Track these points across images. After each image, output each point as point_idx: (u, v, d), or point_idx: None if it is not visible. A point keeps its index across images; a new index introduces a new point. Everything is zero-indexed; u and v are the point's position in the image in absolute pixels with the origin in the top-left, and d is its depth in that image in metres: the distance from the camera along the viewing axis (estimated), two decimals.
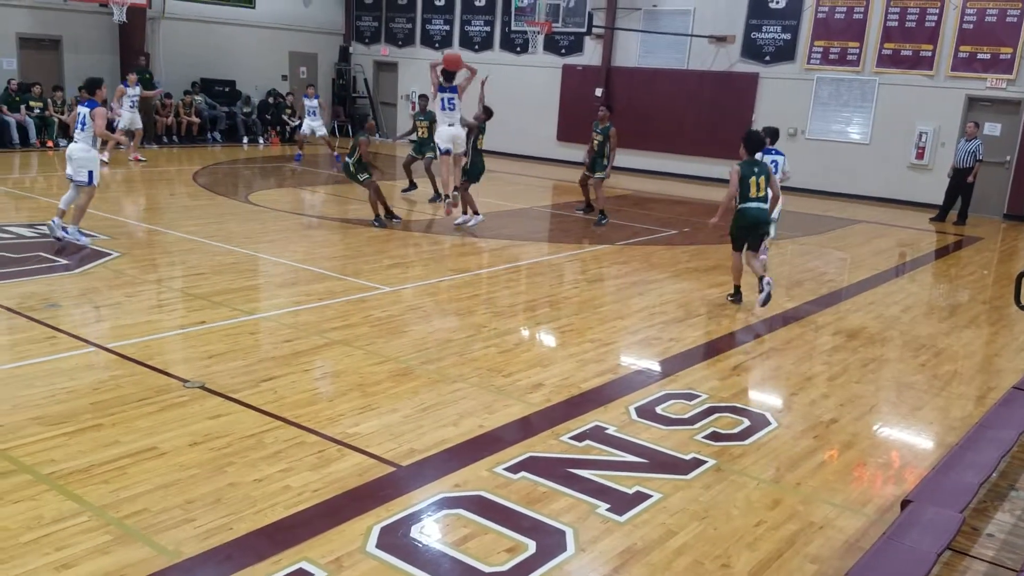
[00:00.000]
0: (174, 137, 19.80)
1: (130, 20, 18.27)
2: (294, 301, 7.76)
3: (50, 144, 17.54)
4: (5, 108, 17.24)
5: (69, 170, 9.46)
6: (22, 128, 17.31)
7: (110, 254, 8.94)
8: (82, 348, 6.14)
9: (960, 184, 14.94)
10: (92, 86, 9.68)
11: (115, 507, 4.00)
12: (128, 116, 16.45)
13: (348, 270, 9.02)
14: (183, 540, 3.77)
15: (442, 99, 11.85)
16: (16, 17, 18.15)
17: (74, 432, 4.75)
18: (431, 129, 13.38)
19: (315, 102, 17.90)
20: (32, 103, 17.64)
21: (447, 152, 11.85)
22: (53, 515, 3.90)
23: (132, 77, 16.74)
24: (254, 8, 22.23)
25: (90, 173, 9.40)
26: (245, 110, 21.34)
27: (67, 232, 9.27)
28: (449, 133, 11.78)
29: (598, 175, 12.67)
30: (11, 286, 7.69)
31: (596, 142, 12.70)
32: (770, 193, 8.42)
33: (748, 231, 8.28)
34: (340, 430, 5.00)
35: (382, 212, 11.61)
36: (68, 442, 4.63)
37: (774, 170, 9.10)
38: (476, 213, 11.71)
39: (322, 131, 18.20)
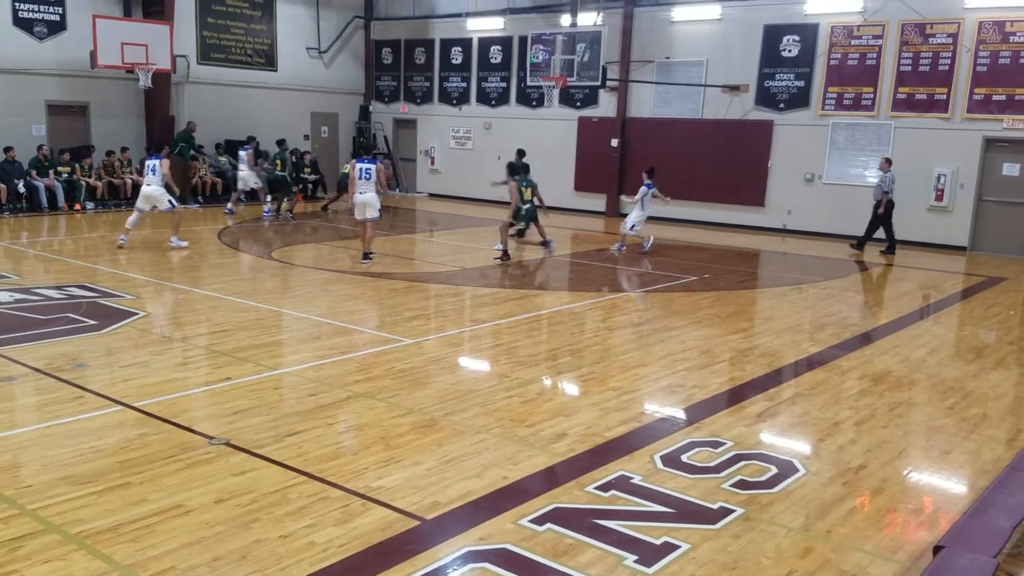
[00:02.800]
0: (199, 198, 20.17)
1: (155, 85, 18.80)
2: (317, 355, 7.82)
3: (78, 207, 17.92)
4: (35, 172, 17.66)
5: (144, 205, 13.45)
6: (50, 192, 17.70)
7: (136, 313, 9.07)
8: (109, 407, 6.20)
9: (876, 215, 15.81)
10: (158, 147, 14.34)
11: (143, 565, 4.01)
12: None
13: (370, 323, 9.09)
14: None
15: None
16: (45, 85, 18.70)
17: (102, 491, 4.78)
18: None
19: (242, 153, 18.36)
20: (60, 168, 18.06)
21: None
22: (82, 574, 3.91)
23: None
24: (276, 71, 22.78)
25: (170, 200, 13.37)
26: (266, 166, 21.69)
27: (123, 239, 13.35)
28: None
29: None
30: (39, 347, 7.81)
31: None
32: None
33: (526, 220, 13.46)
34: (364, 484, 5.00)
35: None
36: (96, 501, 4.66)
37: (359, 175, 12.75)
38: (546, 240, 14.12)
39: (255, 183, 18.49)
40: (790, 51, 18.06)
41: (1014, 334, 9.77)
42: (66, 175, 18.12)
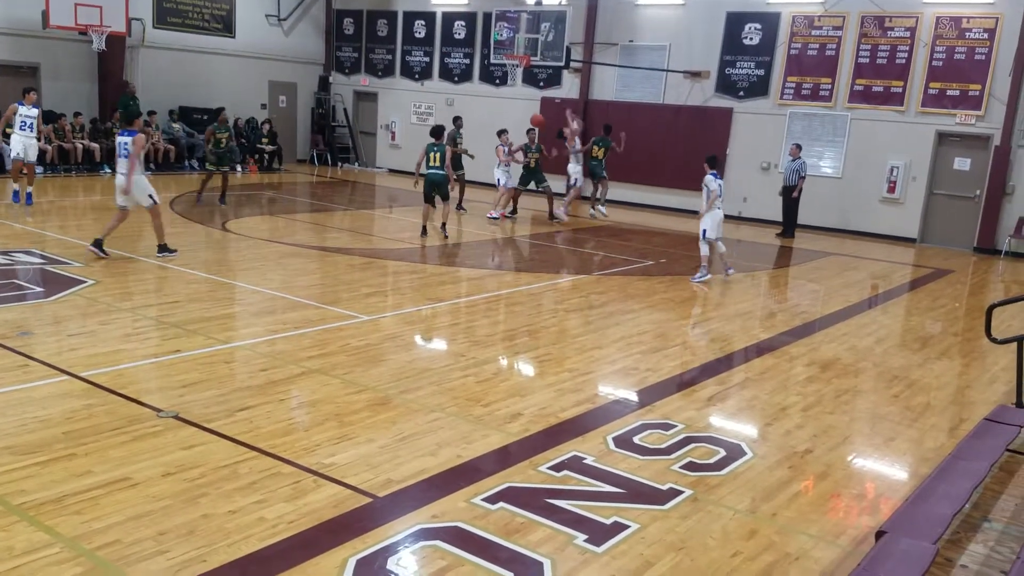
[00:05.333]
0: (151, 164, 19.73)
1: (109, 48, 18.31)
2: (270, 330, 7.73)
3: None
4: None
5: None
6: None
7: (84, 281, 8.86)
8: (55, 377, 6.06)
9: (787, 200, 16.48)
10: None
11: (87, 538, 3.94)
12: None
13: (326, 298, 9.00)
14: (156, 572, 3.72)
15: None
16: None
17: (46, 462, 4.68)
18: (539, 161, 16.34)
19: (35, 111, 13.89)
20: (8, 129, 17.48)
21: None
22: (24, 546, 3.84)
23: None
24: (234, 38, 22.31)
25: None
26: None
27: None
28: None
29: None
30: None
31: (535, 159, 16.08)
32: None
33: (431, 188, 13.09)
34: (316, 460, 4.97)
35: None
36: (40, 472, 4.56)
37: (118, 150, 10.26)
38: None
39: (34, 154, 13.97)
40: (751, 39, 18.18)
41: (959, 325, 10.02)
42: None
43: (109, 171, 18.65)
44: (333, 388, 6.26)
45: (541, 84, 21.22)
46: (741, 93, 18.43)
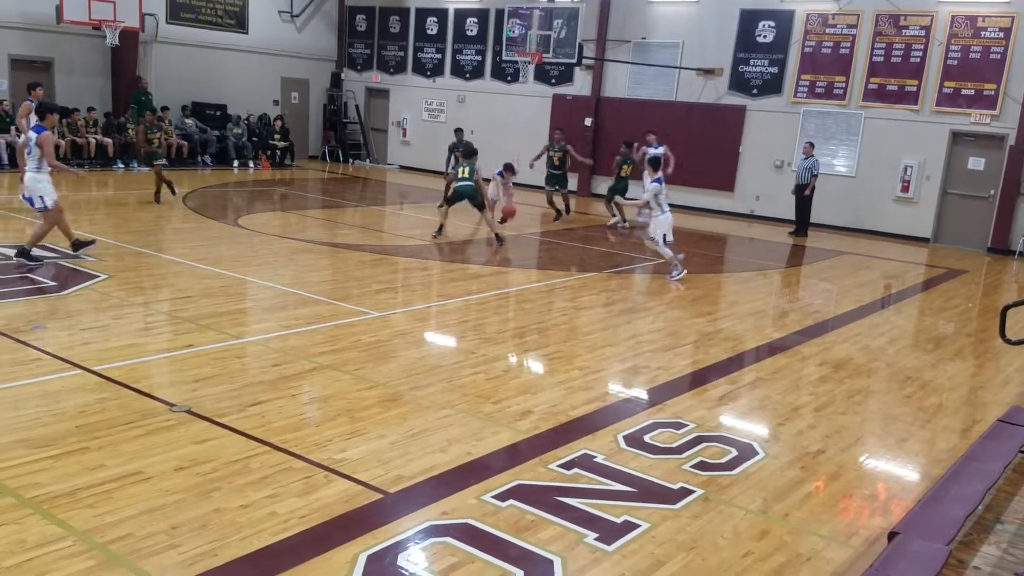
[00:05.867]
0: (165, 160, 19.75)
1: (123, 43, 18.39)
2: (282, 325, 7.75)
3: None
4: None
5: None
6: (11, 148, 17.26)
7: (97, 276, 8.91)
8: (68, 370, 6.10)
9: (800, 198, 16.45)
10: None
11: (99, 532, 3.96)
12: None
13: (337, 294, 9.02)
14: (168, 566, 3.73)
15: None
16: (8, 38, 18.20)
17: (59, 455, 4.71)
18: (564, 160, 16.31)
19: None
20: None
21: None
22: (37, 539, 3.86)
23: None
24: (247, 34, 22.37)
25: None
26: (236, 132, 21.38)
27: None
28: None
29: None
30: None
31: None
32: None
33: (458, 199, 12.88)
34: (327, 456, 4.98)
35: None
36: (53, 465, 4.59)
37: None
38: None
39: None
40: (765, 36, 18.10)
41: (972, 326, 9.96)
42: None
43: (122, 166, 18.77)
44: (344, 384, 6.27)
45: (553, 81, 21.19)
46: (754, 91, 18.36)
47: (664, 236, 11.17)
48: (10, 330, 6.87)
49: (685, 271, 11.17)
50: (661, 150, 15.51)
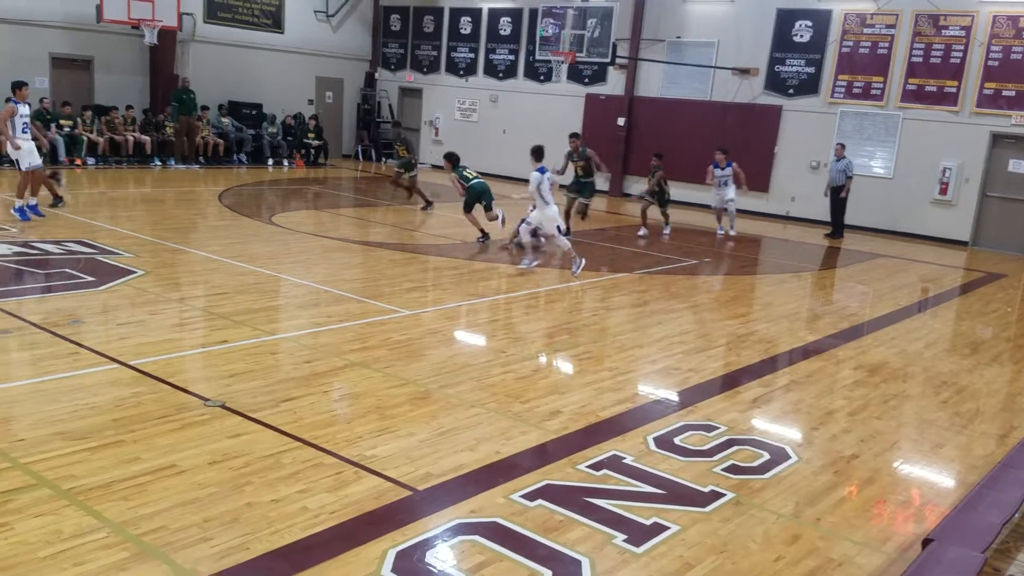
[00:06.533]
0: (200, 158, 20.06)
1: (161, 43, 18.64)
2: (314, 322, 7.81)
3: (79, 162, 17.83)
4: (39, 125, 17.47)
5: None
6: (51, 145, 17.56)
7: (134, 272, 9.04)
8: (105, 364, 6.20)
9: (835, 200, 16.25)
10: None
11: (134, 524, 4.02)
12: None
13: (368, 292, 9.07)
14: (200, 559, 3.78)
15: None
16: (50, 37, 18.54)
17: (96, 448, 4.79)
18: (588, 168, 14.52)
19: (27, 109, 11.64)
20: (63, 121, 17.93)
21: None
22: (72, 530, 3.92)
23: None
24: (283, 33, 22.58)
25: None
26: (271, 131, 21.59)
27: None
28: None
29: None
30: (36, 302, 7.80)
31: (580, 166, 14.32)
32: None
33: (476, 197, 12.74)
34: (357, 452, 5.01)
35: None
36: (90, 458, 4.66)
37: None
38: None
39: (39, 158, 11.83)
40: (802, 36, 17.92)
41: (1011, 331, 9.77)
42: (68, 129, 18.00)
43: (159, 163, 19.04)
44: (375, 381, 6.31)
45: (586, 81, 21.15)
46: (791, 91, 18.18)
47: (559, 227, 11.05)
48: (49, 324, 7.01)
49: (584, 260, 10.93)
50: (729, 170, 15.35)
